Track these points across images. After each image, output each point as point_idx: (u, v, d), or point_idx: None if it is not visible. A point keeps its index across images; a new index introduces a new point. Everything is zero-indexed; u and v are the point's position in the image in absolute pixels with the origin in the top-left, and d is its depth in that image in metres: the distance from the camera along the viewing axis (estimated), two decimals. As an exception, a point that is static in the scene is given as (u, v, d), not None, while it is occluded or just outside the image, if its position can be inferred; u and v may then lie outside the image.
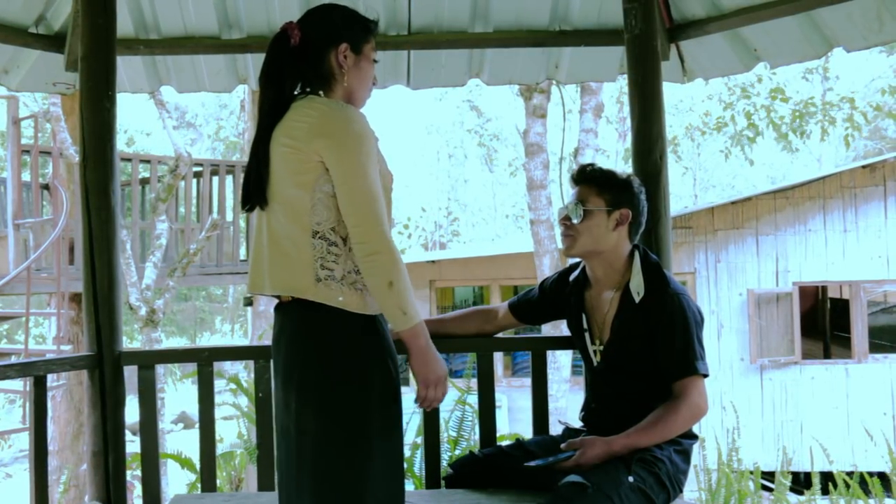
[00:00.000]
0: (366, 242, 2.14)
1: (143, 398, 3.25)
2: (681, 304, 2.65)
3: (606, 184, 2.76)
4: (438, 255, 18.34)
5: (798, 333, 11.32)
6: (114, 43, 3.21)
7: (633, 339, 2.70)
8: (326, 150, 2.15)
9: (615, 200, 2.74)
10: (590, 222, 2.73)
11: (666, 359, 2.63)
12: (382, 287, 2.14)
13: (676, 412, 2.58)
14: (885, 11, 3.23)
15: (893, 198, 11.49)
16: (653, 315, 2.66)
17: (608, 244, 2.75)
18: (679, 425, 2.59)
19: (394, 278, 2.13)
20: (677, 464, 2.62)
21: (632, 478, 2.49)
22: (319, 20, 2.34)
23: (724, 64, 3.82)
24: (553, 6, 3.75)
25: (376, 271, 2.14)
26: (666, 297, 2.67)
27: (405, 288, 2.15)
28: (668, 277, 2.73)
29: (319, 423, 2.17)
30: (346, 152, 2.15)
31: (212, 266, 10.32)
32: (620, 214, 2.73)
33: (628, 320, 2.71)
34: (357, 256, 2.16)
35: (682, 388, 2.60)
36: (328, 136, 2.15)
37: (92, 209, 3.18)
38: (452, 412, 5.50)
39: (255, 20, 3.75)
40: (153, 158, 10.32)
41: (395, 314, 2.16)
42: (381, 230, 2.14)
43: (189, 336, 28.20)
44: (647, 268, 2.73)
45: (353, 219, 2.15)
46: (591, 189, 2.75)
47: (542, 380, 3.29)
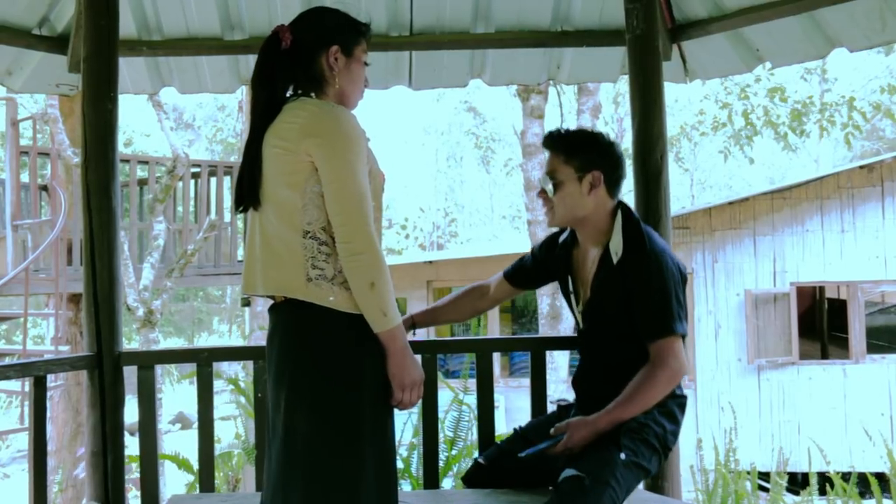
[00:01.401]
0: (350, 242, 2.15)
1: (142, 399, 3.25)
2: (658, 264, 2.59)
3: (572, 149, 2.69)
4: (436, 255, 18.35)
5: (795, 334, 11.33)
6: (116, 44, 3.21)
7: (610, 300, 2.66)
8: (316, 149, 2.16)
9: (584, 164, 2.67)
10: (563, 192, 2.68)
11: (642, 320, 2.58)
12: (364, 287, 2.15)
13: (654, 379, 2.54)
14: (887, 11, 3.24)
15: (891, 198, 11.50)
16: (630, 276, 2.61)
17: (586, 209, 2.68)
18: (658, 391, 2.55)
19: (376, 279, 2.14)
20: (663, 424, 2.61)
21: (623, 454, 2.49)
22: (310, 23, 2.36)
23: (726, 64, 3.83)
24: (555, 7, 3.76)
25: (359, 271, 2.15)
26: (643, 256, 2.61)
27: (387, 289, 2.16)
28: (647, 236, 2.66)
29: (311, 423, 2.18)
30: (335, 152, 2.16)
31: (209, 267, 10.31)
32: (592, 177, 2.66)
33: (606, 281, 2.67)
34: (341, 256, 2.17)
35: (657, 350, 2.56)
36: (318, 135, 2.17)
37: (93, 209, 3.19)
38: (448, 412, 5.49)
39: (257, 21, 3.75)
40: (151, 159, 10.31)
41: (375, 315, 2.17)
42: (366, 230, 2.15)
43: (186, 337, 28.17)
44: (628, 227, 2.67)
45: (339, 218, 2.16)
46: (559, 157, 2.70)
47: (540, 380, 3.29)
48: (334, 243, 2.18)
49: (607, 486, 2.43)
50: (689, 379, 11.35)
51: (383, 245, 2.33)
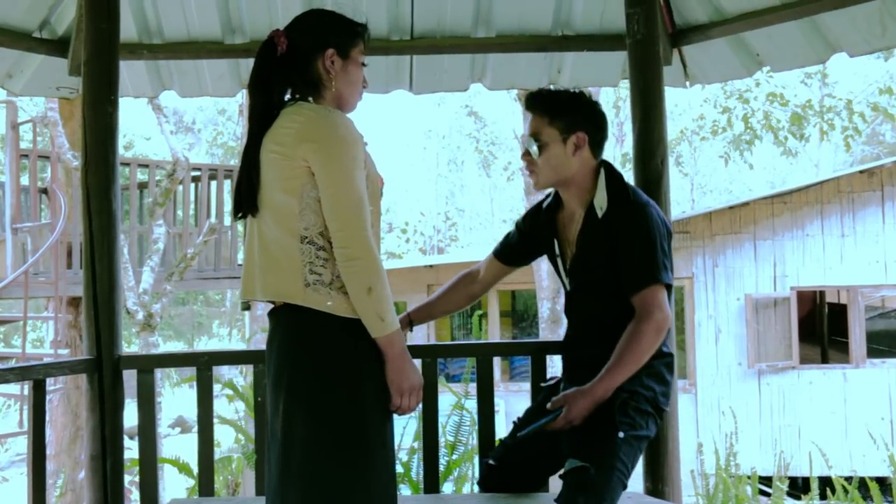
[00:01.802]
0: (347, 247, 2.15)
1: (141, 402, 3.24)
2: (642, 214, 2.58)
3: (556, 110, 2.68)
4: (436, 259, 18.34)
5: (796, 338, 11.32)
6: (117, 47, 3.21)
7: (596, 254, 2.65)
8: (312, 154, 2.16)
9: (568, 126, 2.65)
10: (547, 154, 2.67)
11: (626, 270, 2.57)
12: (362, 292, 2.15)
13: (640, 333, 2.51)
14: (887, 16, 3.24)
15: (891, 203, 11.50)
16: (614, 228, 2.60)
17: (571, 170, 2.67)
18: (646, 345, 2.52)
19: (373, 284, 2.14)
20: (652, 387, 2.59)
21: (622, 433, 2.48)
22: (305, 26, 2.36)
23: (727, 69, 3.83)
24: (555, 11, 3.76)
25: (356, 276, 2.15)
26: (627, 207, 2.60)
27: (384, 294, 2.16)
28: (630, 189, 2.67)
29: (308, 427, 2.18)
30: (332, 157, 2.16)
31: (210, 270, 10.31)
32: (577, 138, 2.65)
33: (591, 236, 2.66)
34: (338, 261, 2.16)
35: (641, 302, 2.53)
36: (314, 140, 2.17)
37: (93, 213, 3.18)
38: (450, 417, 5.49)
39: (258, 25, 3.75)
40: (152, 163, 10.32)
41: (372, 320, 2.17)
42: (363, 235, 2.15)
43: (186, 340, 28.16)
44: (611, 182, 2.66)
45: (336, 223, 2.16)
46: (543, 119, 2.68)
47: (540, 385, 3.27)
48: (332, 248, 2.18)
49: (613, 470, 2.44)
50: (690, 384, 11.35)
51: (383, 249, 2.33)
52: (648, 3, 3.26)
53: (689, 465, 10.01)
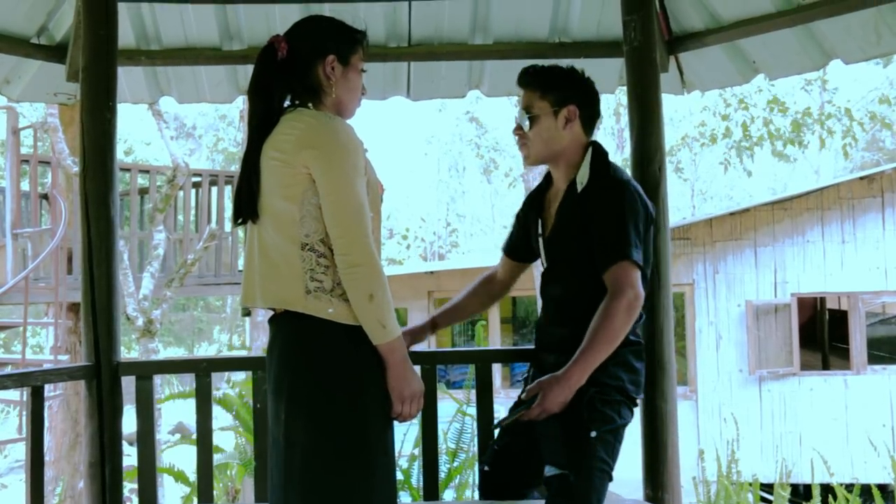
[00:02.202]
0: (349, 254, 2.14)
1: (140, 409, 3.24)
2: (618, 190, 2.55)
3: (548, 84, 2.65)
4: (437, 265, 18.35)
5: (797, 345, 11.31)
6: (115, 54, 3.22)
7: (570, 229, 2.62)
8: (313, 161, 2.16)
9: (559, 99, 2.63)
10: (539, 127, 2.64)
11: (598, 246, 2.51)
12: (363, 299, 2.14)
13: (611, 310, 2.43)
14: (882, 24, 3.24)
15: (891, 209, 11.50)
16: (590, 203, 2.56)
17: (561, 144, 2.65)
18: (620, 324, 2.44)
19: (375, 291, 2.14)
20: (619, 376, 2.53)
21: (594, 432, 2.44)
22: (306, 32, 2.36)
23: (723, 76, 3.83)
24: (552, 18, 3.77)
25: (358, 283, 2.14)
26: (604, 182, 2.58)
27: (386, 301, 2.16)
28: (613, 167, 2.63)
29: (308, 435, 2.18)
30: (333, 164, 2.16)
31: (210, 276, 10.31)
32: (568, 111, 2.62)
33: (569, 210, 2.63)
34: (339, 268, 2.16)
35: (612, 278, 2.47)
36: (315, 147, 2.16)
37: (91, 219, 3.19)
38: (451, 423, 5.48)
39: (256, 31, 3.76)
40: (152, 169, 10.32)
41: (374, 327, 2.16)
42: (364, 242, 2.14)
43: (187, 346, 28.13)
44: (596, 159, 2.64)
45: (337, 230, 2.15)
46: (534, 93, 2.65)
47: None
48: (333, 255, 2.18)
49: (592, 471, 2.43)
50: (691, 390, 11.34)
51: (384, 255, 2.33)
52: (645, 10, 3.27)
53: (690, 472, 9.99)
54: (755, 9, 3.42)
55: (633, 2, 3.27)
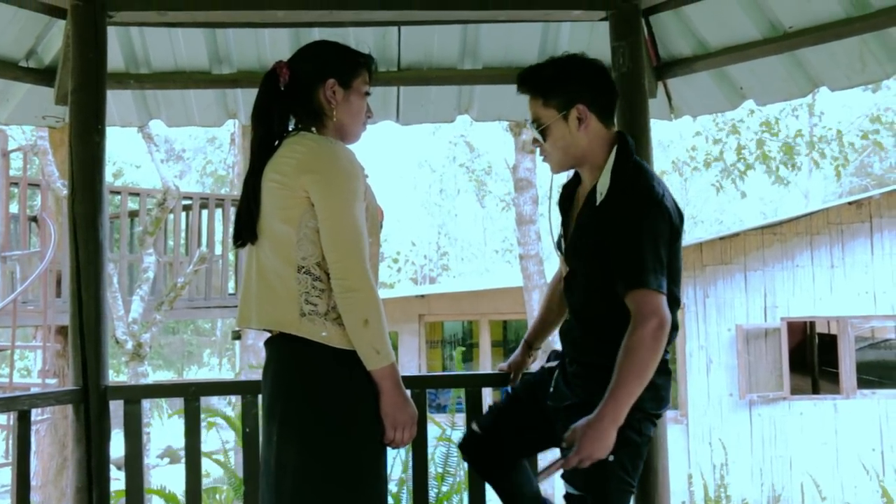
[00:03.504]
0: (345, 279, 2.15)
1: (128, 433, 3.22)
2: (640, 208, 2.33)
3: (547, 89, 2.45)
4: (428, 289, 18.33)
5: (786, 369, 11.31)
6: (104, 77, 3.22)
7: (587, 242, 2.44)
8: (312, 185, 2.17)
9: (564, 102, 2.42)
10: (552, 137, 2.45)
11: (616, 269, 2.32)
12: (358, 324, 2.15)
13: (637, 344, 2.25)
14: (867, 52, 3.28)
15: (879, 234, 11.55)
16: (608, 219, 2.36)
17: (581, 147, 2.45)
18: (648, 354, 2.25)
19: (370, 316, 2.15)
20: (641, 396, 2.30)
21: (611, 456, 2.28)
22: (308, 57, 2.38)
23: (711, 101, 3.86)
24: (541, 44, 3.79)
25: (353, 308, 2.15)
26: (625, 198, 2.36)
27: (381, 327, 2.17)
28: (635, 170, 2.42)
29: (300, 458, 2.18)
30: (332, 188, 2.17)
31: (200, 300, 10.30)
32: (577, 111, 2.42)
33: (587, 222, 2.45)
34: (335, 292, 2.17)
35: (632, 305, 2.28)
36: (315, 171, 2.18)
37: (80, 242, 3.17)
38: (437, 448, 5.46)
39: (246, 55, 3.77)
40: (142, 191, 10.32)
41: (368, 352, 2.17)
42: (361, 267, 2.15)
43: (176, 369, 27.99)
44: (618, 164, 2.42)
45: (334, 254, 2.17)
46: (537, 101, 2.47)
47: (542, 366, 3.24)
48: (329, 279, 2.19)
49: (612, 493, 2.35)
50: (681, 414, 11.32)
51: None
52: (633, 36, 3.30)
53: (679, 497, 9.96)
54: (742, 36, 3.45)
55: (622, 28, 3.30)
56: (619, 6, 3.29)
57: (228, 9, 3.31)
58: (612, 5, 3.31)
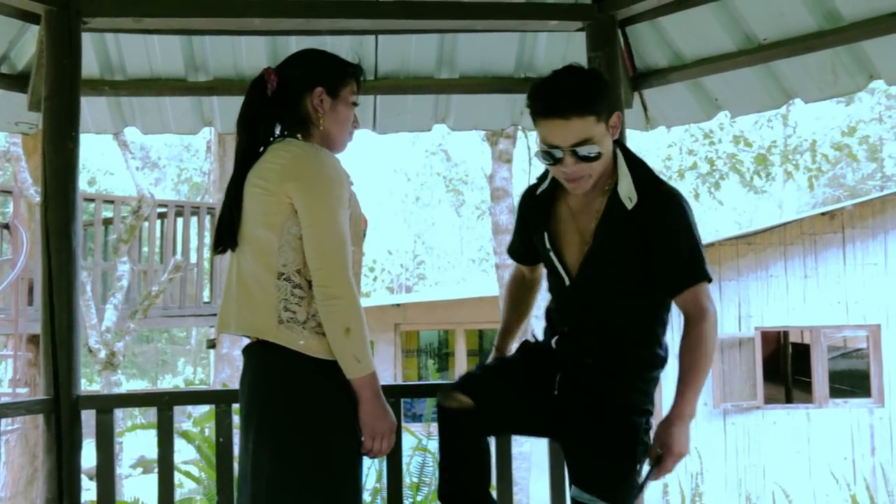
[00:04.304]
0: (327, 286, 2.14)
1: (100, 443, 3.18)
2: (678, 204, 2.35)
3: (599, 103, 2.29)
4: (404, 298, 18.32)
5: (760, 378, 11.39)
6: (78, 83, 3.19)
7: (622, 250, 2.38)
8: (296, 192, 2.16)
9: (608, 113, 2.32)
10: (604, 153, 2.32)
11: (671, 268, 2.36)
12: (339, 332, 2.14)
13: (707, 335, 2.39)
14: (839, 65, 3.33)
15: (851, 245, 11.67)
16: (650, 223, 2.33)
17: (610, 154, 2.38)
18: (713, 342, 2.41)
19: (352, 325, 2.14)
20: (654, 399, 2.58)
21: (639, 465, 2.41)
22: (296, 64, 2.37)
23: (686, 112, 3.89)
24: (518, 54, 3.81)
25: (335, 316, 2.14)
26: (660, 197, 2.35)
27: (362, 336, 2.16)
28: (651, 172, 2.42)
29: (274, 467, 2.16)
30: (316, 196, 2.16)
31: (174, 308, 10.23)
32: (615, 119, 2.35)
33: (618, 229, 2.36)
34: (317, 299, 2.16)
35: (692, 299, 2.38)
36: (299, 178, 2.17)
37: (52, 250, 3.14)
38: (413, 457, 5.45)
39: (222, 63, 3.76)
40: (117, 199, 10.25)
41: (349, 361, 2.16)
42: (343, 275, 2.14)
43: (150, 378, 27.76)
44: (634, 167, 2.38)
45: (317, 262, 2.15)
46: (589, 120, 2.26)
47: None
48: (309, 287, 2.18)
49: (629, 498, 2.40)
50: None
51: (360, 288, 2.33)
52: (610, 47, 3.32)
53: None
54: (717, 47, 3.49)
55: (599, 38, 3.32)
56: (595, 17, 3.32)
57: (205, 16, 3.30)
58: (589, 16, 3.33)
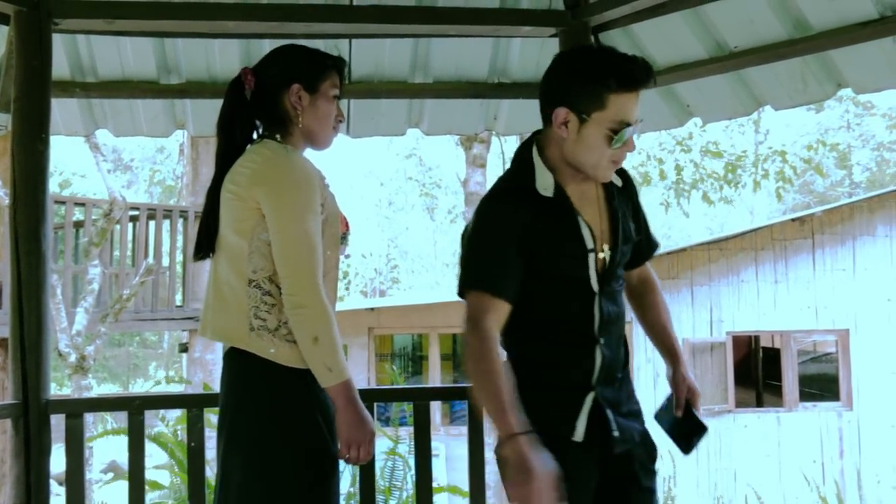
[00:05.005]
0: (295, 294, 2.11)
1: (70, 448, 3.15)
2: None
3: None
4: (377, 302, 18.28)
5: (732, 382, 11.49)
6: (48, 85, 3.15)
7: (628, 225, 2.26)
8: (264, 197, 2.13)
9: None
10: None
11: (647, 236, 2.37)
12: (308, 342, 2.10)
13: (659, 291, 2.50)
14: (808, 73, 3.37)
15: (821, 250, 11.82)
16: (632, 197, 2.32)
17: None
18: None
19: (320, 334, 2.10)
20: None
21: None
22: (272, 62, 2.33)
23: (658, 119, 3.91)
24: (492, 59, 3.82)
25: (303, 325, 2.10)
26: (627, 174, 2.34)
27: (332, 344, 2.11)
28: None
29: (244, 474, 2.15)
30: (283, 201, 2.13)
31: (146, 311, 10.16)
32: None
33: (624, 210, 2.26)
34: (286, 308, 2.12)
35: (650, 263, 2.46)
36: (267, 182, 2.14)
37: (21, 253, 3.10)
38: (385, 461, 5.43)
39: (194, 65, 3.74)
40: (88, 202, 10.16)
41: (320, 370, 2.12)
42: (311, 283, 2.10)
43: (122, 383, 27.52)
44: None
45: (284, 269, 2.12)
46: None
47: (477, 432, 3.23)
48: (280, 294, 2.14)
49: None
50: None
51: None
52: (582, 53, 3.33)
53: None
54: (689, 55, 3.51)
55: (572, 45, 3.32)
56: (569, 23, 3.33)
57: (178, 19, 3.27)
58: (563, 22, 3.34)
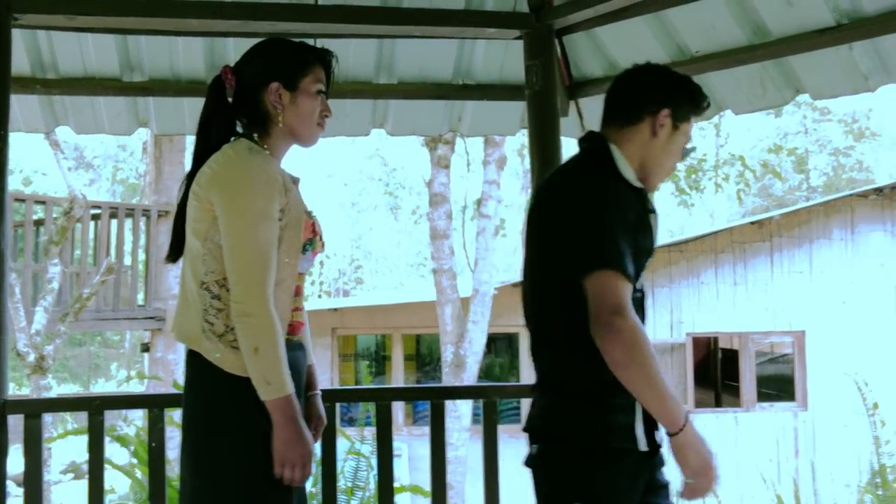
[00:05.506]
0: (242, 302, 2.06)
1: (28, 449, 3.11)
2: None
3: None
4: (341, 302, 18.22)
5: (691, 383, 11.62)
6: (8, 81, 3.10)
7: None
8: (218, 199, 2.09)
9: None
10: None
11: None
12: (249, 352, 2.05)
13: None
14: (767, 79, 3.43)
15: (779, 253, 12.00)
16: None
17: None
18: None
19: (261, 345, 2.04)
20: None
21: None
22: (250, 61, 2.26)
23: (621, 122, 3.95)
24: (457, 60, 3.83)
25: (246, 334, 2.05)
26: None
27: (273, 357, 2.05)
28: None
29: (194, 475, 2.16)
30: (235, 206, 2.08)
31: (108, 311, 10.05)
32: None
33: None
34: (232, 315, 2.07)
35: None
36: (222, 186, 2.10)
37: (-22, 251, 3.06)
38: (346, 461, 5.41)
39: (158, 63, 3.70)
40: (49, 199, 10.04)
41: (259, 382, 2.06)
42: (257, 292, 2.05)
43: (82, 383, 27.17)
44: None
45: (233, 276, 2.08)
46: None
47: (439, 432, 3.24)
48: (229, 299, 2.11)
49: None
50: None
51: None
52: (546, 56, 3.36)
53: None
54: (651, 58, 3.45)
55: (536, 47, 3.36)
56: (533, 26, 3.35)
57: (141, 15, 3.24)
58: (527, 25, 3.37)
